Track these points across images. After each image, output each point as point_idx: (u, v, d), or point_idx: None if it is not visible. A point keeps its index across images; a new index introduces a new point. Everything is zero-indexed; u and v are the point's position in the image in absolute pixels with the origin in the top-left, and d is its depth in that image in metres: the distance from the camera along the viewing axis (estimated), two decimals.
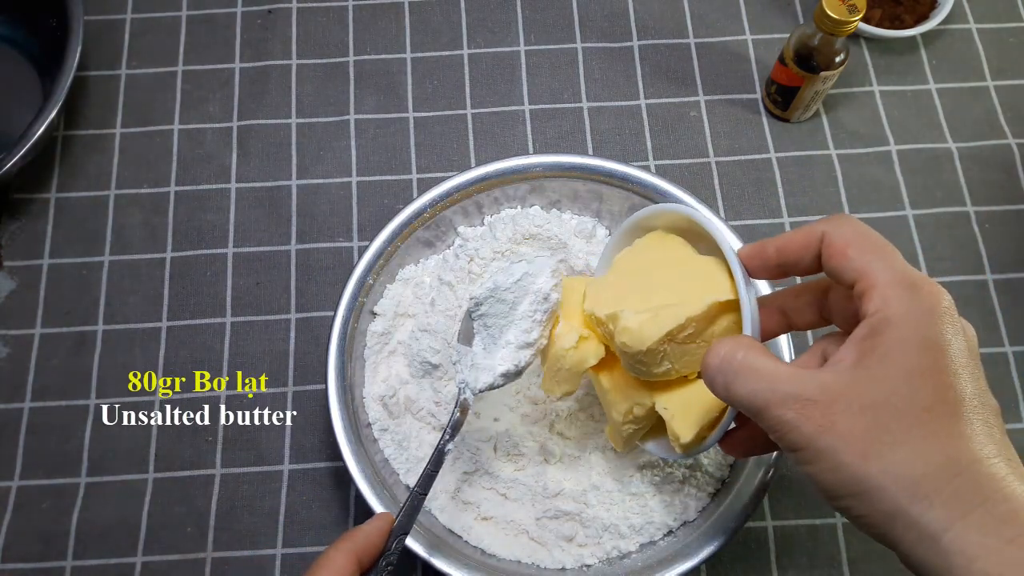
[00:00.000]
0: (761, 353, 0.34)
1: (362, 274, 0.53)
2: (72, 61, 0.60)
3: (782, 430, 0.31)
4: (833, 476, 0.30)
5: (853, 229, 0.34)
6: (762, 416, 0.32)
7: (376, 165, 0.64)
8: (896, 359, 0.30)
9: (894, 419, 0.29)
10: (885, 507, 0.29)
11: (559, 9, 0.69)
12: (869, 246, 0.33)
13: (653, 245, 0.45)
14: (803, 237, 0.35)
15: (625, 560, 0.49)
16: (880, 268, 0.32)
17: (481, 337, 0.44)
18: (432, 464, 0.44)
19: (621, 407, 0.44)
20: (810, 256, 0.35)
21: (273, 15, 0.69)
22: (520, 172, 0.56)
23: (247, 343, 0.59)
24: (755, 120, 0.66)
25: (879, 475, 0.29)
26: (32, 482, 0.56)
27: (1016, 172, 0.64)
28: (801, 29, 0.59)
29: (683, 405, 0.42)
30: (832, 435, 0.30)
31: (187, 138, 0.65)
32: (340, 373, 0.51)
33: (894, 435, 0.29)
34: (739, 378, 0.33)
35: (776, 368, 0.33)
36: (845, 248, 0.33)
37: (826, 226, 0.35)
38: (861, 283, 0.32)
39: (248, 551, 0.54)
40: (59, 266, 0.61)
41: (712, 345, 0.35)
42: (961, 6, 0.69)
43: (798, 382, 0.31)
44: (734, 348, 0.34)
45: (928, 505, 0.28)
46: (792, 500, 0.55)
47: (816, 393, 0.31)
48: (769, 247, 0.37)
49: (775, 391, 0.32)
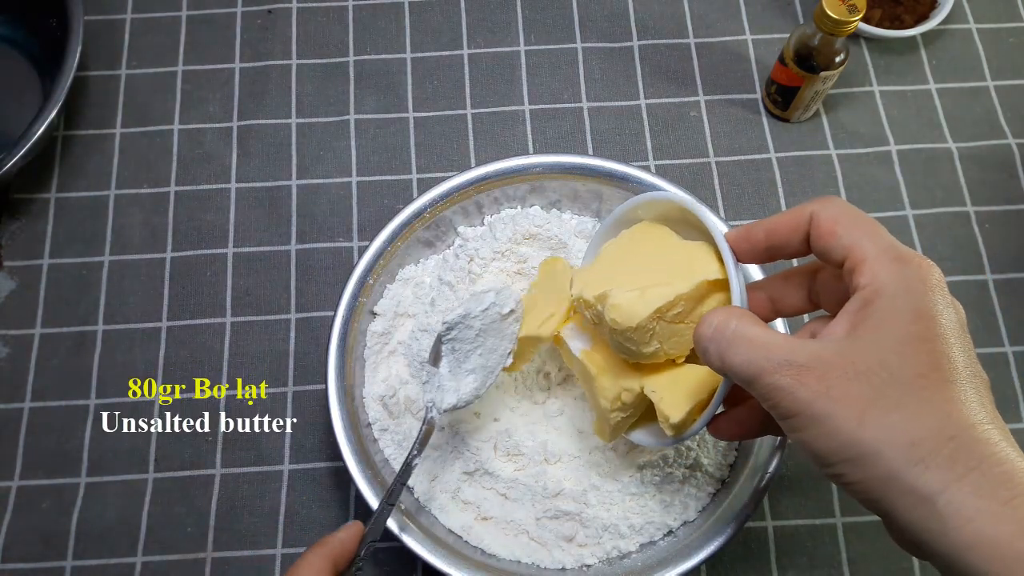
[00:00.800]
0: (754, 322, 0.34)
1: (362, 274, 0.53)
2: (72, 61, 0.60)
3: (776, 397, 0.31)
4: (827, 442, 0.30)
5: (840, 208, 0.34)
6: (756, 383, 0.32)
7: (376, 165, 0.64)
8: (889, 327, 0.30)
9: (889, 385, 0.30)
10: (880, 471, 0.29)
11: (559, 9, 0.69)
12: (857, 223, 0.33)
13: (640, 235, 0.45)
14: (791, 218, 0.36)
15: (625, 560, 0.49)
16: (869, 243, 0.32)
17: (447, 360, 0.46)
18: (400, 476, 0.45)
19: (609, 393, 0.44)
20: (799, 237, 0.36)
21: (273, 15, 0.69)
22: (520, 172, 0.56)
23: (247, 343, 0.59)
24: (755, 120, 0.66)
25: (874, 439, 0.29)
26: (32, 482, 0.56)
27: (1016, 172, 0.64)
28: (801, 29, 0.59)
29: (671, 387, 0.42)
30: (827, 400, 0.30)
31: (187, 138, 0.65)
32: (340, 373, 0.51)
33: (889, 400, 0.29)
34: (733, 346, 0.33)
35: (769, 336, 0.33)
36: (833, 226, 0.34)
37: (814, 206, 0.35)
38: (851, 259, 0.33)
39: (248, 551, 0.54)
40: (59, 266, 0.61)
41: (704, 316, 0.35)
42: (961, 6, 0.69)
43: (792, 349, 0.32)
44: (727, 317, 0.34)
45: (924, 468, 0.28)
46: (792, 500, 0.55)
47: (811, 360, 0.31)
48: (757, 229, 0.37)
49: (769, 359, 0.32)
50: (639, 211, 0.45)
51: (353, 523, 0.43)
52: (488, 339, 0.46)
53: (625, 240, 0.45)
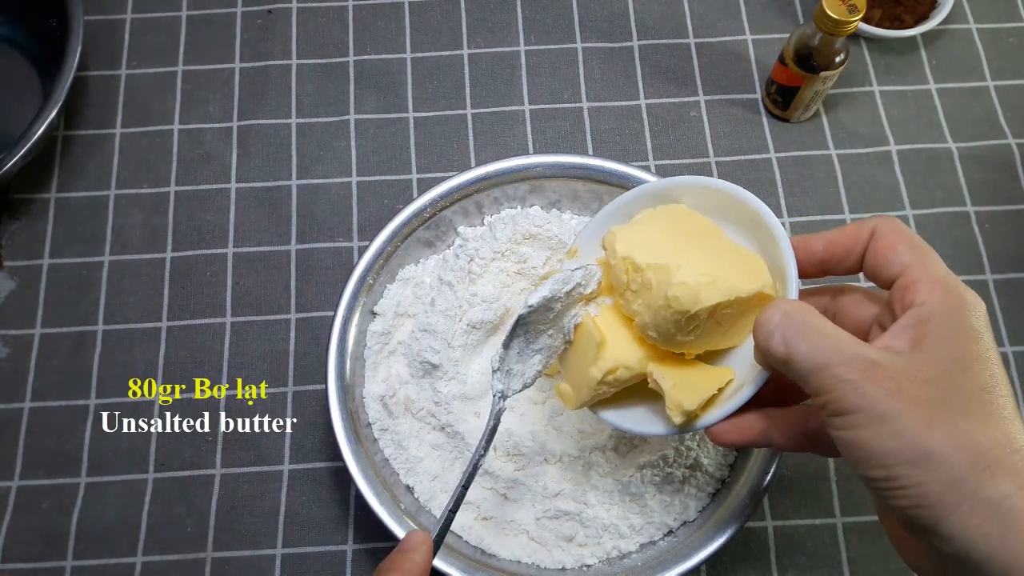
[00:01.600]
0: (822, 316, 0.34)
1: (362, 274, 0.53)
2: (72, 61, 0.60)
3: (840, 389, 0.31)
4: (890, 441, 0.30)
5: (902, 228, 0.36)
6: (820, 374, 0.32)
7: (376, 165, 0.64)
8: (952, 344, 0.32)
9: (957, 394, 0.31)
10: (943, 475, 0.29)
11: (559, 9, 0.69)
12: (917, 245, 0.35)
13: (686, 219, 0.43)
14: (852, 232, 0.37)
15: (625, 560, 0.49)
16: (927, 266, 0.34)
17: (518, 342, 0.44)
18: (465, 481, 0.42)
19: (606, 364, 0.42)
20: (857, 252, 0.37)
21: (273, 15, 0.69)
22: (520, 172, 0.56)
23: (247, 343, 0.59)
24: (755, 120, 0.66)
25: (943, 444, 0.29)
26: (32, 482, 0.56)
27: (1016, 172, 0.64)
28: (801, 29, 0.59)
29: (680, 379, 0.40)
30: (898, 398, 0.30)
31: (187, 138, 0.65)
32: (340, 373, 0.51)
33: (957, 407, 0.30)
34: (801, 334, 0.33)
35: (838, 330, 0.33)
36: (895, 242, 0.35)
37: (876, 221, 0.36)
38: (907, 275, 0.34)
39: (248, 551, 0.54)
40: (59, 266, 0.61)
41: (772, 303, 0.35)
42: (961, 6, 0.69)
43: (862, 345, 0.32)
44: (797, 307, 0.34)
45: (991, 475, 0.29)
46: (792, 500, 0.55)
47: (882, 358, 0.31)
48: (816, 240, 0.38)
49: (839, 350, 0.32)
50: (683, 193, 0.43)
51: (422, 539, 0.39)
52: (562, 318, 0.44)
53: (667, 216, 0.43)
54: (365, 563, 0.54)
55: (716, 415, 0.40)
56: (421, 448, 0.52)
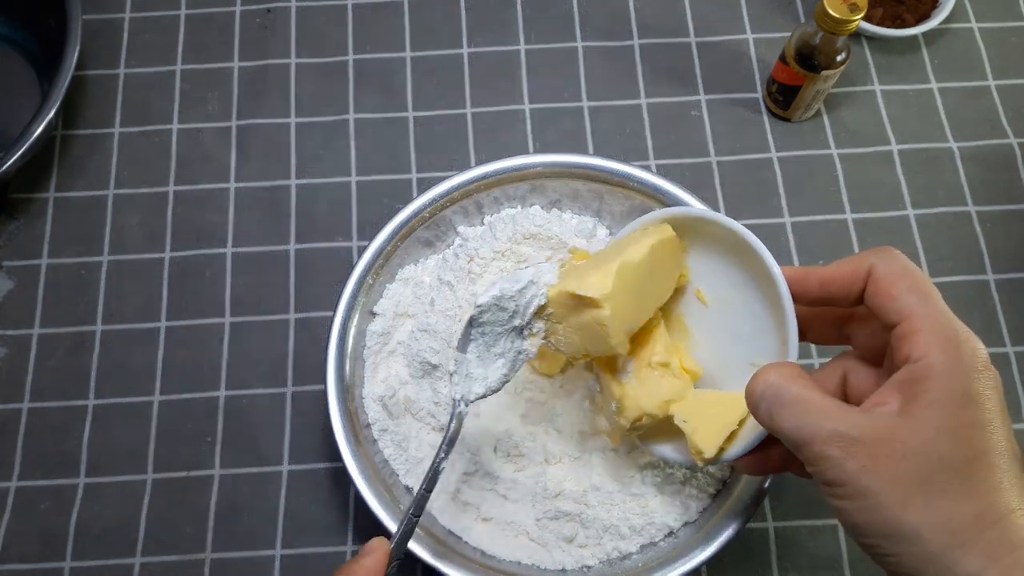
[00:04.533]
0: (806, 384, 0.34)
1: (362, 274, 0.53)
2: (71, 60, 0.60)
3: (824, 465, 0.32)
4: (868, 516, 0.31)
5: (901, 266, 0.34)
6: (803, 450, 0.33)
7: (376, 165, 0.64)
8: (940, 410, 0.31)
9: (937, 469, 0.30)
10: (920, 551, 0.30)
11: (559, 8, 0.69)
12: (916, 287, 0.33)
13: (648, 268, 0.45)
14: (850, 271, 0.36)
15: (626, 561, 0.49)
16: (924, 314, 0.32)
17: (476, 345, 0.43)
18: (427, 485, 0.43)
19: (630, 415, 0.44)
20: (856, 291, 0.35)
21: (272, 14, 0.69)
22: (520, 172, 0.55)
23: (246, 343, 0.59)
24: (756, 119, 0.65)
25: (918, 522, 0.30)
26: (31, 483, 0.55)
27: (1017, 172, 0.64)
28: (802, 28, 0.59)
29: (702, 418, 0.42)
30: (875, 476, 0.30)
31: (186, 138, 0.65)
32: (339, 373, 0.51)
33: (936, 484, 0.30)
34: (787, 409, 0.33)
35: (823, 402, 0.33)
36: (891, 287, 0.34)
37: (874, 258, 0.35)
38: (905, 325, 0.33)
39: (247, 552, 0.54)
40: (58, 266, 0.61)
41: (759, 371, 0.35)
42: (962, 5, 0.69)
43: (846, 420, 0.32)
44: (780, 377, 0.34)
45: (963, 553, 0.29)
46: (793, 501, 0.55)
47: (863, 433, 0.31)
48: (812, 279, 0.38)
49: (821, 427, 0.32)
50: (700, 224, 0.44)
51: (378, 544, 0.40)
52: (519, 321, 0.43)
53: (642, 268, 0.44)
54: None
55: (738, 450, 0.41)
56: (421, 449, 0.52)
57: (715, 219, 0.43)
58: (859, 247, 0.62)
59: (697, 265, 0.46)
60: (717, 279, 0.45)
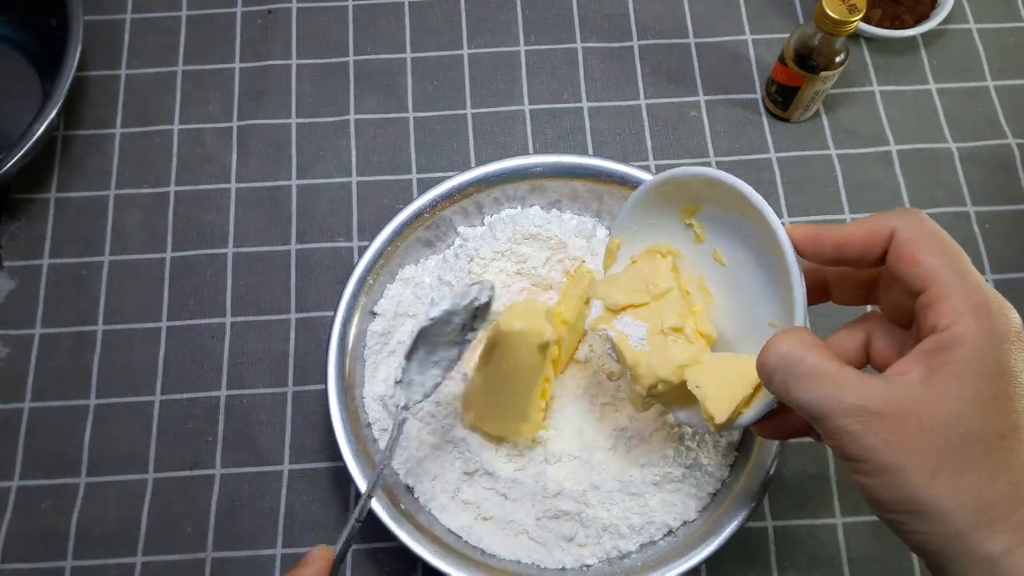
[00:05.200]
0: (823, 354, 0.32)
1: (362, 274, 0.53)
2: (72, 61, 0.60)
3: (844, 440, 0.30)
4: (892, 493, 0.29)
5: (925, 229, 0.32)
6: (822, 423, 0.31)
7: (376, 165, 0.64)
8: (969, 382, 0.29)
9: (965, 443, 0.29)
10: (945, 529, 0.29)
11: (559, 9, 0.69)
12: (942, 252, 0.31)
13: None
14: (868, 233, 0.33)
15: (625, 560, 0.49)
16: (952, 280, 0.31)
17: (418, 354, 0.45)
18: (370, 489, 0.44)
19: (646, 381, 0.44)
20: (875, 253, 0.33)
21: (273, 15, 0.69)
22: (520, 172, 0.56)
23: (247, 343, 0.59)
24: (755, 120, 0.66)
25: (945, 498, 0.29)
26: (32, 482, 0.56)
27: (1016, 172, 0.64)
28: (801, 29, 0.59)
29: (715, 383, 0.41)
30: (900, 452, 0.29)
31: (187, 138, 0.65)
32: (340, 373, 0.51)
33: (964, 459, 0.29)
34: (802, 381, 0.32)
35: (840, 373, 0.31)
36: (916, 252, 0.32)
37: (897, 221, 0.33)
38: (931, 292, 0.31)
39: (248, 551, 0.54)
40: (59, 266, 0.61)
41: (770, 341, 0.33)
42: (961, 6, 0.69)
43: (866, 392, 0.30)
44: (796, 347, 0.32)
45: (992, 531, 0.28)
46: (792, 500, 0.55)
47: (885, 406, 0.29)
48: (826, 240, 0.35)
49: (841, 400, 0.30)
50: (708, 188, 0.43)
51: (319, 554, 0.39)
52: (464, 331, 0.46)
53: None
54: (365, 563, 0.54)
55: (753, 414, 0.40)
56: (421, 448, 0.52)
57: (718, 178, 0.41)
58: None
59: (712, 225, 0.44)
60: (732, 239, 0.43)
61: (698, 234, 0.45)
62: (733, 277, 0.44)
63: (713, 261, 0.45)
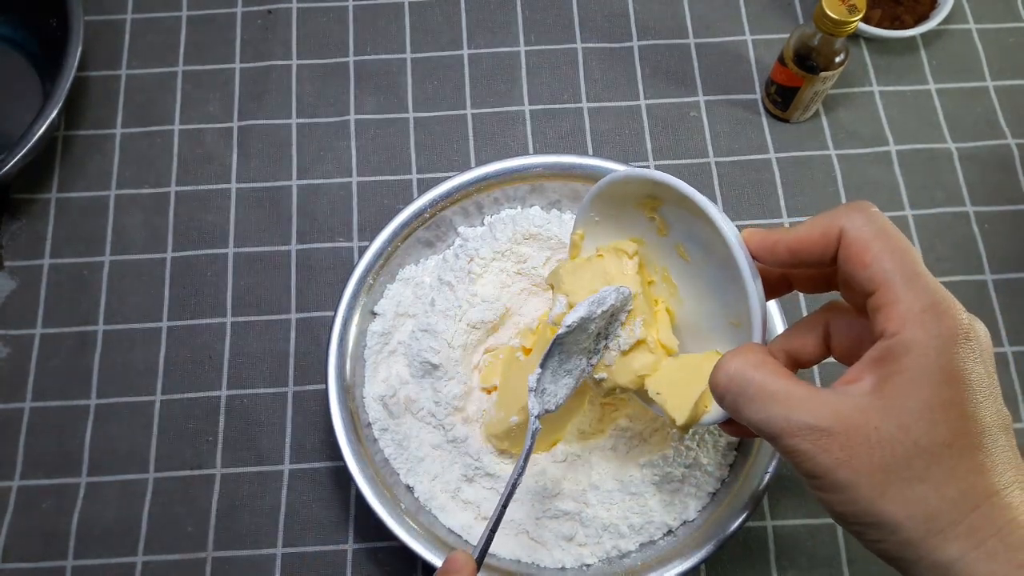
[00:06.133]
0: (772, 372, 0.32)
1: (362, 274, 0.53)
2: (72, 61, 0.60)
3: (797, 459, 0.31)
4: (848, 507, 0.30)
5: (874, 227, 0.31)
6: (775, 442, 0.32)
7: (376, 165, 0.64)
8: (916, 391, 0.29)
9: (914, 455, 0.29)
10: (899, 539, 0.29)
11: (559, 9, 0.69)
12: (891, 252, 0.31)
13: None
14: (819, 235, 0.33)
15: (625, 559, 0.49)
16: (900, 283, 0.30)
17: (552, 362, 0.44)
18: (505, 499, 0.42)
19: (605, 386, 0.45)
20: (828, 256, 0.33)
21: (273, 15, 0.69)
22: (520, 172, 0.56)
23: (247, 343, 0.59)
24: (755, 120, 0.66)
25: (895, 511, 0.29)
26: (32, 482, 0.56)
27: (1015, 172, 0.64)
28: (801, 29, 0.59)
29: (674, 386, 0.42)
30: (849, 469, 0.29)
31: (187, 138, 0.65)
32: (340, 373, 0.51)
33: (912, 471, 0.29)
34: (751, 402, 0.32)
35: (789, 391, 0.31)
36: (864, 253, 0.31)
37: (844, 220, 0.32)
38: (879, 295, 0.31)
39: (248, 551, 0.54)
40: (60, 266, 0.61)
41: (720, 361, 0.34)
42: (961, 6, 0.69)
43: (814, 409, 0.30)
44: (743, 367, 0.33)
45: (943, 539, 0.29)
46: (792, 500, 0.55)
47: (833, 423, 0.30)
48: (780, 245, 0.35)
49: (789, 420, 0.31)
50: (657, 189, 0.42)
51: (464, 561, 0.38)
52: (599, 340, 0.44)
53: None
54: (365, 563, 0.54)
55: (716, 414, 0.40)
56: (421, 448, 0.52)
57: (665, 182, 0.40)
58: None
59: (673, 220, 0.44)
60: (692, 237, 0.43)
61: (660, 228, 0.45)
62: (696, 273, 0.44)
63: (677, 256, 0.44)
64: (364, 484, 0.48)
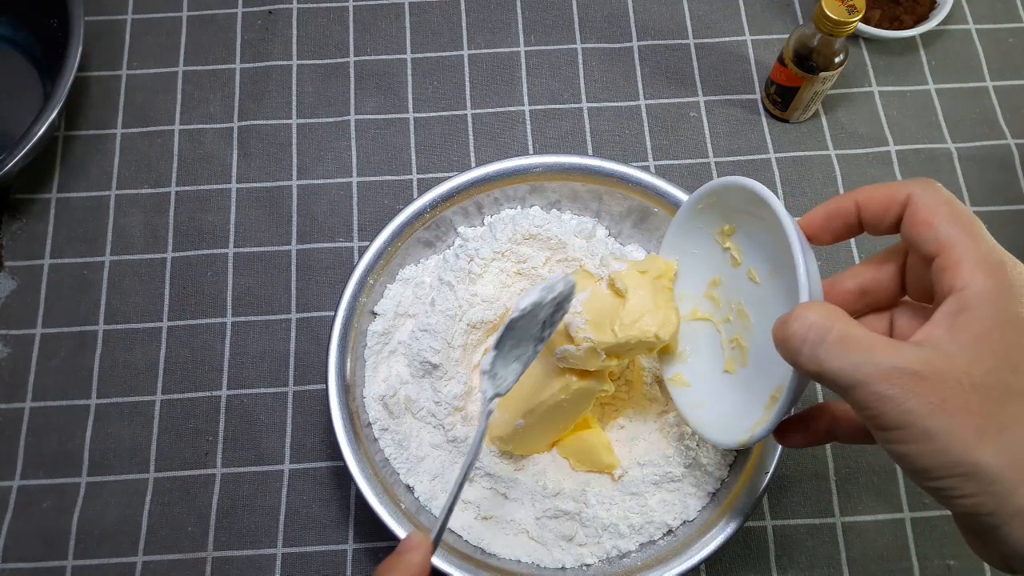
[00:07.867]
0: (851, 321, 0.31)
1: (362, 274, 0.53)
2: (73, 62, 0.61)
3: (881, 407, 0.29)
4: (937, 458, 0.28)
5: (940, 197, 0.32)
6: (857, 391, 0.29)
7: (376, 165, 0.64)
8: (1000, 337, 0.29)
9: (1007, 399, 0.28)
10: (997, 488, 0.28)
11: (559, 9, 0.69)
12: (957, 218, 0.31)
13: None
14: (885, 196, 0.33)
15: (625, 559, 0.49)
16: (967, 243, 0.30)
17: (504, 346, 0.44)
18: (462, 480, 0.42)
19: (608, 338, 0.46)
20: (889, 218, 0.33)
21: (273, 16, 0.69)
22: (520, 172, 0.56)
23: (247, 343, 0.59)
24: (755, 120, 0.66)
25: (994, 457, 0.28)
26: (33, 482, 0.56)
27: (1015, 172, 0.64)
28: (800, 30, 0.59)
29: None
30: (944, 414, 0.28)
31: (188, 138, 0.65)
32: (340, 373, 0.51)
33: (1008, 416, 0.28)
34: (833, 348, 0.30)
35: (872, 338, 0.30)
36: (931, 217, 0.31)
37: (913, 188, 0.32)
38: (945, 256, 0.30)
39: (248, 551, 0.54)
40: (60, 266, 0.61)
41: (795, 311, 0.32)
42: (960, 6, 0.69)
43: (901, 354, 0.29)
44: (825, 315, 0.31)
45: None
46: (792, 500, 0.55)
47: (923, 367, 0.28)
48: (848, 200, 0.34)
49: (877, 364, 0.29)
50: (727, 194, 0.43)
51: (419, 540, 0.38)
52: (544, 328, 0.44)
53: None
54: (365, 563, 0.54)
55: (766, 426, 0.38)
56: (421, 448, 0.52)
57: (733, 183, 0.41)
58: (857, 247, 0.62)
59: (746, 246, 0.44)
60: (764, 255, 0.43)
61: (735, 257, 0.45)
62: (766, 294, 0.44)
63: (749, 282, 0.45)
64: (364, 484, 0.48)
